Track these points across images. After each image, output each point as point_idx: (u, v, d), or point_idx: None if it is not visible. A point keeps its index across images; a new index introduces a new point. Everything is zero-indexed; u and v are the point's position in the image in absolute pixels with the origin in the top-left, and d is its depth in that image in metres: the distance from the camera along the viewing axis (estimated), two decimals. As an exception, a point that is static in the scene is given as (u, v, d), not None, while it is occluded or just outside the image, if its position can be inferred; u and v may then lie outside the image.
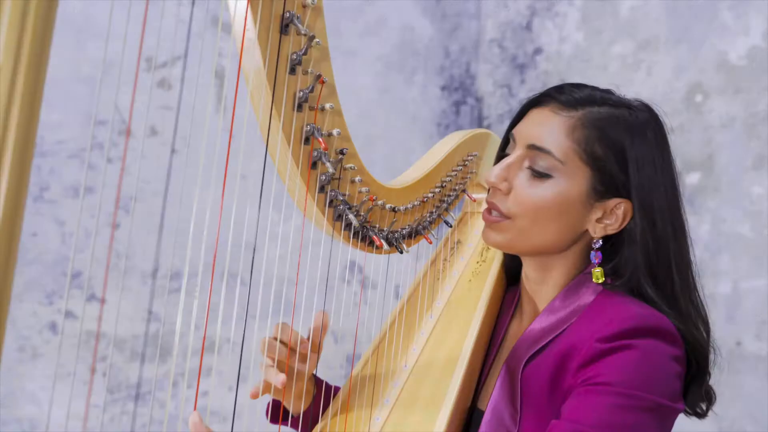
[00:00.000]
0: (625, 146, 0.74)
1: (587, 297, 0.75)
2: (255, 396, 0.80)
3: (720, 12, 2.18)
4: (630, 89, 2.62)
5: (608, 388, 0.65)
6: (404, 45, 2.81)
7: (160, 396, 2.12)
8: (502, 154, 0.81)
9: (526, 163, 0.75)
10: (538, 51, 2.80)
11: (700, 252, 2.25)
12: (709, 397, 0.77)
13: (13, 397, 1.86)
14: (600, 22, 2.57)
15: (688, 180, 2.26)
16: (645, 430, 0.65)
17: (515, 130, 0.79)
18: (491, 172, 0.77)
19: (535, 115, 0.77)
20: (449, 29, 2.97)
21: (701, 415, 0.77)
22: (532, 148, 0.75)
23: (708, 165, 2.21)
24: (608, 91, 0.81)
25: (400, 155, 2.77)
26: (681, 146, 2.29)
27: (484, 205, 0.81)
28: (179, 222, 1.77)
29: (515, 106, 2.90)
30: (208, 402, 2.19)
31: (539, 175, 0.74)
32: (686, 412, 0.77)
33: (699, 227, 2.21)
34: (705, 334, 0.76)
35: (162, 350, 2.12)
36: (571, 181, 0.74)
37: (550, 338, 0.74)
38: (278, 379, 0.75)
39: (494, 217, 0.77)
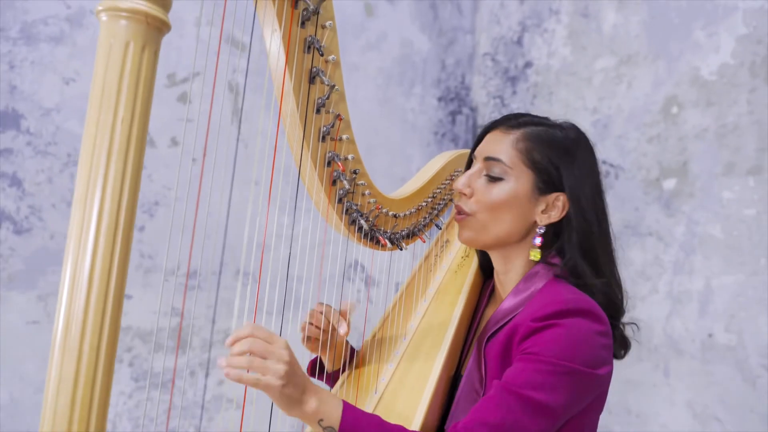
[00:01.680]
0: (556, 151, 0.91)
1: (539, 284, 0.91)
2: (303, 329, 0.99)
3: (693, 31, 2.28)
4: (613, 101, 2.71)
5: (535, 357, 0.80)
6: (403, 59, 2.88)
7: (181, 384, 2.19)
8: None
9: (484, 172, 0.93)
10: (528, 64, 2.88)
11: (675, 251, 2.33)
12: (625, 344, 0.94)
13: (49, 384, 1.97)
14: (585, 38, 2.66)
15: (665, 185, 2.35)
16: (562, 389, 0.79)
17: (476, 152, 0.96)
18: (457, 181, 0.95)
19: (490, 137, 0.95)
20: (445, 44, 3.05)
21: (620, 357, 0.94)
22: (488, 159, 0.92)
23: (683, 171, 2.30)
24: (545, 118, 0.97)
25: (399, 161, 2.87)
26: (658, 154, 2.38)
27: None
28: (199, 225, 1.91)
29: (507, 115, 3.00)
30: (224, 390, 2.29)
31: (494, 179, 0.91)
32: (616, 355, 0.93)
33: (675, 229, 2.31)
34: (620, 296, 0.93)
35: (182, 342, 2.17)
36: (518, 182, 0.91)
37: (507, 319, 0.90)
38: (315, 331, 0.95)
39: (461, 216, 0.94)
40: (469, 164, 1.00)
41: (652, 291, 2.39)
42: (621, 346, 0.94)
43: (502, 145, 0.92)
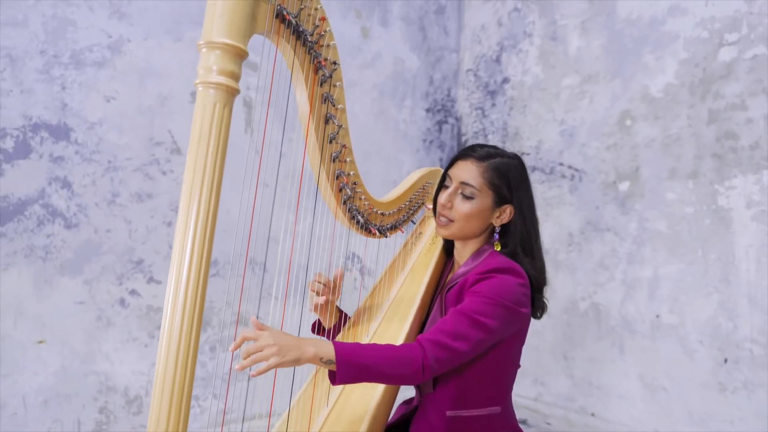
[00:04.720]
0: (509, 178, 1.27)
1: (483, 256, 1.27)
2: (315, 308, 1.32)
3: (644, 55, 2.60)
4: (577, 114, 3.05)
5: (479, 294, 1.15)
6: (395, 75, 3.16)
7: (202, 358, 2.49)
8: (442, 185, 1.33)
9: (459, 191, 1.28)
10: (506, 80, 3.18)
11: (629, 245, 2.63)
12: (542, 307, 1.30)
13: (92, 355, 2.26)
14: (554, 59, 2.96)
15: (621, 187, 2.64)
16: (496, 316, 1.14)
17: (450, 173, 1.31)
18: (440, 197, 1.29)
19: (462, 164, 1.29)
20: (433, 61, 3.34)
21: (537, 318, 1.30)
22: (462, 183, 1.27)
23: (635, 176, 2.61)
24: (495, 147, 1.32)
25: (393, 166, 3.16)
26: (615, 160, 2.68)
27: (434, 221, 1.33)
28: (218, 220, 2.17)
29: (488, 125, 3.29)
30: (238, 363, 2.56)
31: (467, 198, 1.27)
32: (534, 316, 1.29)
33: (628, 225, 2.62)
34: (543, 275, 1.28)
35: (204, 322, 2.49)
36: (483, 200, 1.26)
37: (461, 278, 1.26)
38: (320, 299, 1.29)
39: (443, 221, 1.30)
40: (443, 179, 1.34)
41: (610, 279, 2.69)
42: (540, 309, 1.29)
43: (473, 174, 1.26)
